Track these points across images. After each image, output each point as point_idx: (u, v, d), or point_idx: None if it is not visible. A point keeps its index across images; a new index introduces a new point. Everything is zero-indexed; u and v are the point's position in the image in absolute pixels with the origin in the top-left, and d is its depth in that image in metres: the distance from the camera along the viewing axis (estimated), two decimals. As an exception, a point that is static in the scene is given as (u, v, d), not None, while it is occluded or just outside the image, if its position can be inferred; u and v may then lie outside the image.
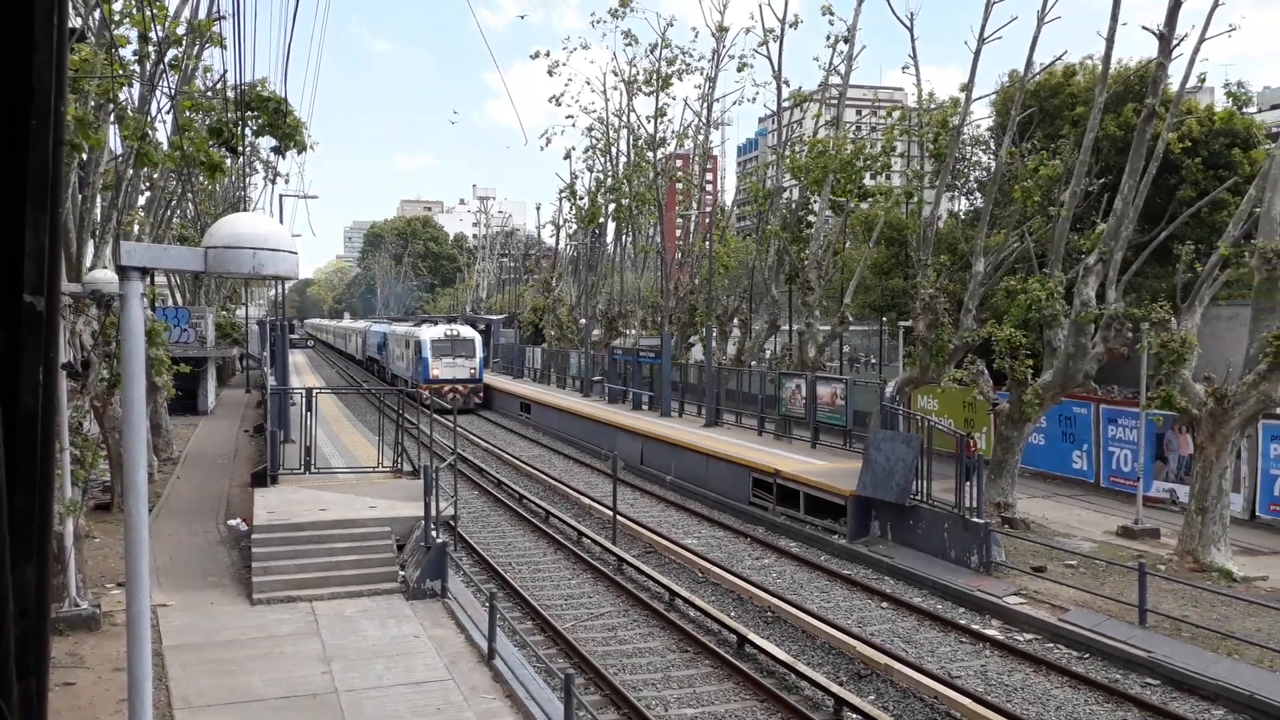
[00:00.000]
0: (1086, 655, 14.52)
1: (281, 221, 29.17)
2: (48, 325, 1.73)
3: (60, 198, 1.78)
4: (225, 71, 33.19)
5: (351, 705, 10.88)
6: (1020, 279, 22.93)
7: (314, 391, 22.26)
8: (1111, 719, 12.29)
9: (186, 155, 16.59)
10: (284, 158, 18.66)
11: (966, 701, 12.15)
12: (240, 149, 18.52)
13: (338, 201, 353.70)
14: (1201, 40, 19.69)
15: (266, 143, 22.68)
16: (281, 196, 39.88)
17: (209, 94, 22.78)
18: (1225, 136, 29.52)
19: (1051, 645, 15.01)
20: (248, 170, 36.76)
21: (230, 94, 17.81)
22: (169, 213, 34.08)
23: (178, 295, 48.06)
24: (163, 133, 22.44)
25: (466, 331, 49.23)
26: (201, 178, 27.06)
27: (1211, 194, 25.60)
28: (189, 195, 35.61)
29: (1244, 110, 31.77)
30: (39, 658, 1.73)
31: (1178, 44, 19.61)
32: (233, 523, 18.81)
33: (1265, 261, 17.76)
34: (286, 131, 17.61)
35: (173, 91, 18.20)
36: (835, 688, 12.46)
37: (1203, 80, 23.80)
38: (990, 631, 15.53)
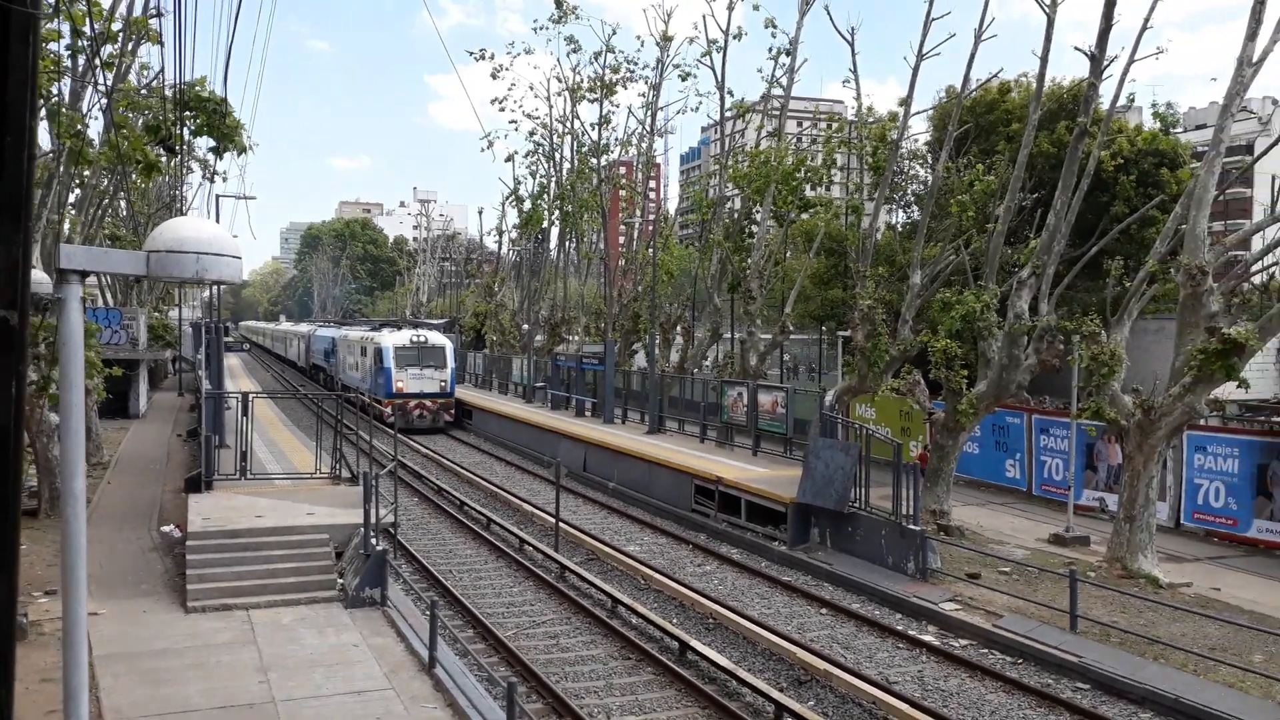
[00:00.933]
0: (1020, 660, 14.86)
1: (218, 222, 28.65)
2: (19, 339, 1.73)
3: (32, 213, 1.78)
4: (162, 69, 32.56)
5: (289, 715, 10.73)
6: (956, 291, 23.40)
7: (250, 396, 21.90)
8: (1043, 722, 12.59)
9: (122, 154, 16.25)
10: (222, 159, 18.35)
11: (904, 707, 12.35)
12: (178, 149, 18.20)
13: (274, 202, 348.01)
14: (1131, 62, 20.32)
15: (205, 142, 22.34)
16: (219, 197, 39.32)
17: (145, 92, 22.33)
18: (1154, 156, 30.46)
19: (986, 651, 15.33)
20: (185, 170, 36.07)
21: (168, 92, 17.49)
22: (101, 211, 33.28)
23: (108, 296, 46.93)
24: (95, 130, 21.95)
25: (436, 338, 43.60)
26: (136, 177, 26.53)
27: (1140, 211, 26.38)
28: (122, 194, 34.82)
29: (1171, 131, 32.84)
30: (5, 670, 1.73)
31: (1108, 65, 20.21)
32: (166, 529, 18.41)
33: (1189, 278, 18.35)
34: (225, 132, 17.35)
35: (108, 89, 17.80)
36: (776, 694, 12.59)
37: (1131, 100, 24.55)
38: (927, 637, 15.81)
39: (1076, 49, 20.14)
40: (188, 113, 17.42)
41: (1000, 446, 28.44)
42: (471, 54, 49.97)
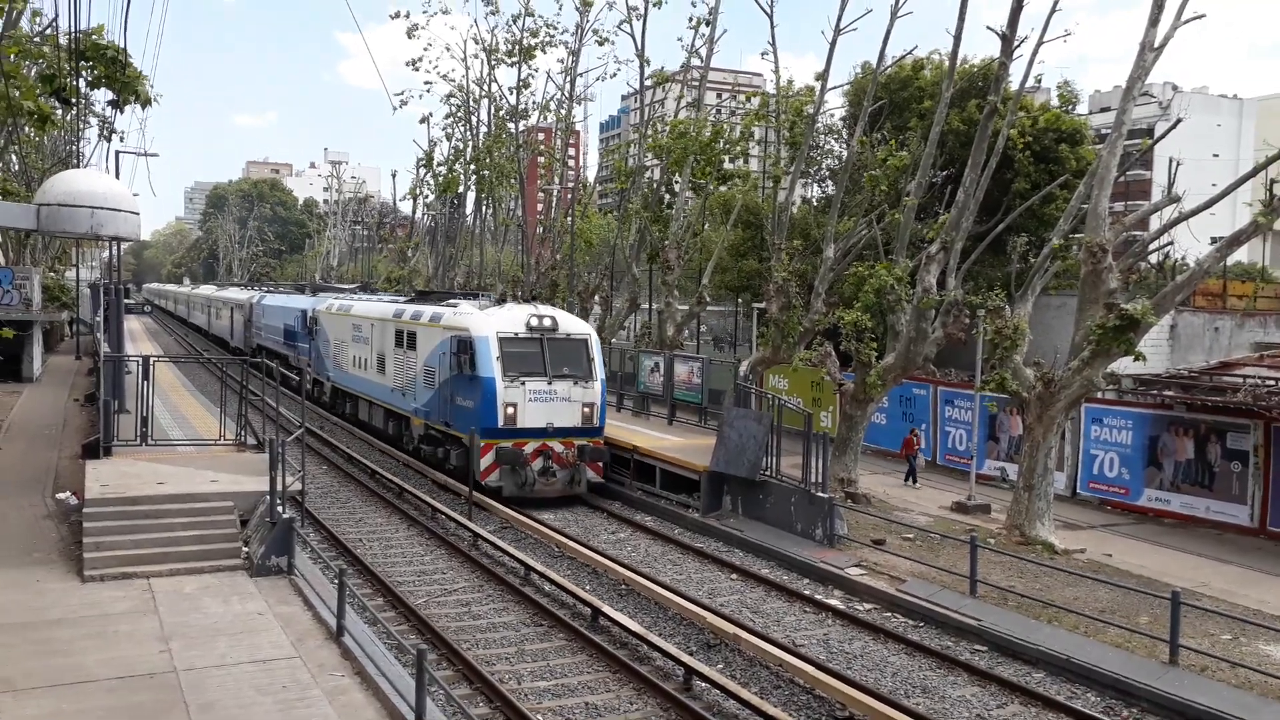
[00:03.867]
0: (921, 624, 15.31)
1: (118, 179, 27.52)
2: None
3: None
4: (56, 16, 31.06)
5: (192, 685, 10.50)
6: (868, 265, 23.81)
7: (151, 359, 21.20)
8: (943, 683, 13.02)
9: (12, 104, 15.50)
10: (122, 112, 17.57)
11: (808, 668, 12.64)
12: (74, 100, 17.41)
13: (178, 161, 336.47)
14: (1040, 42, 20.84)
15: (104, 95, 21.40)
16: (118, 153, 37.66)
17: (38, 40, 21.26)
18: (1055, 133, 31.31)
19: (889, 614, 15.76)
20: (82, 124, 34.55)
21: (63, 40, 16.70)
22: (-10, 165, 31.75)
23: (-1, 254, 44.91)
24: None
25: (571, 322, 24.65)
26: (29, 129, 25.34)
27: (1044, 189, 27.14)
28: (14, 147, 33.25)
29: (1072, 110, 33.78)
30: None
31: (1019, 45, 20.67)
32: (62, 496, 17.75)
33: (1091, 255, 18.96)
34: (125, 83, 16.66)
35: (-3, 35, 16.94)
36: (685, 657, 12.76)
37: (1039, 81, 25.15)
38: (833, 601, 16.18)
39: (989, 28, 20.54)
40: (84, 62, 16.67)
41: (907, 417, 29.14)
42: (392, 17, 48.69)
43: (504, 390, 22.23)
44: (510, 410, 22.24)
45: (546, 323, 23.41)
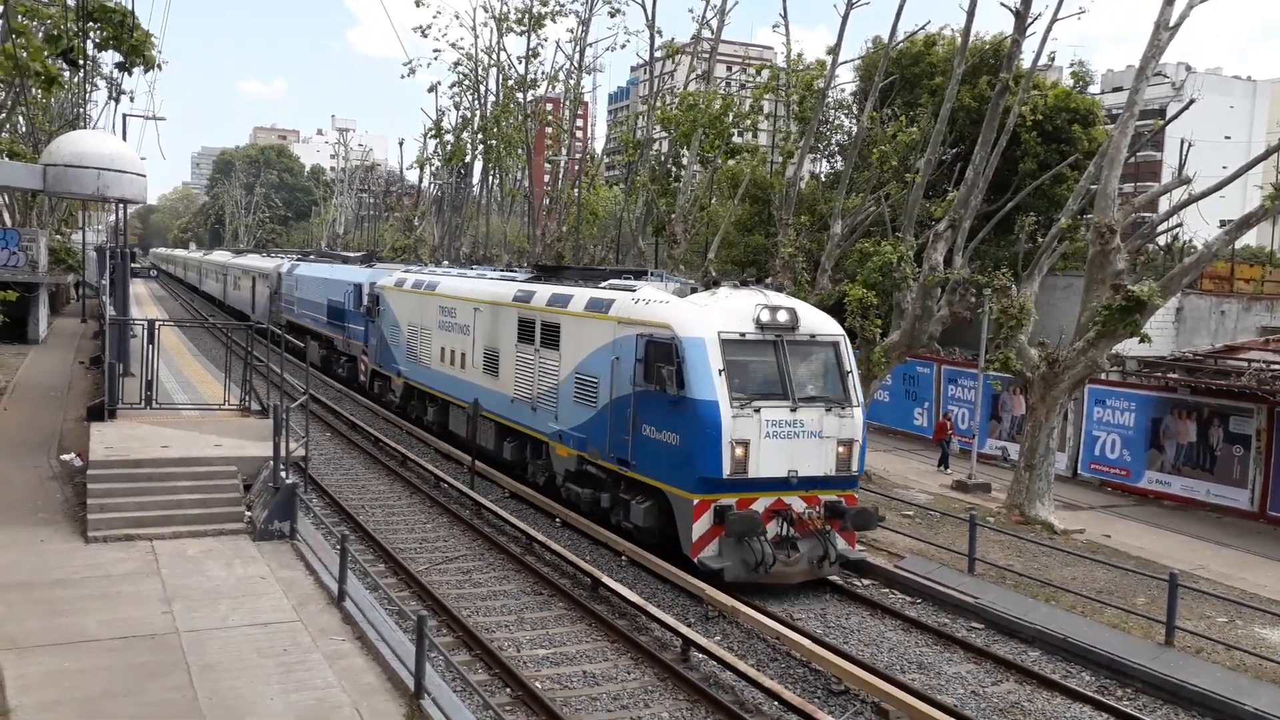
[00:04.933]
0: (919, 600, 15.38)
1: (125, 142, 27.42)
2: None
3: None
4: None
5: (193, 646, 10.60)
6: (875, 242, 23.74)
7: (156, 323, 21.24)
8: (939, 659, 13.09)
9: (20, 65, 15.44)
10: (130, 74, 17.50)
11: (805, 642, 12.71)
12: (81, 62, 17.35)
13: (185, 125, 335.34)
14: (1054, 20, 20.67)
15: (111, 58, 21.32)
16: (126, 116, 37.56)
17: (45, 0, 21.15)
18: (1067, 113, 31.09)
19: (887, 590, 15.83)
20: (90, 86, 34.43)
21: (71, 1, 16.61)
22: (-3, 126, 31.71)
23: (6, 216, 44.91)
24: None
25: (815, 318, 16.80)
26: (36, 90, 25.26)
27: (1054, 169, 26.99)
28: (21, 108, 33.17)
29: (1085, 89, 33.53)
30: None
31: (1032, 22, 20.50)
32: (66, 458, 17.85)
33: (1099, 236, 18.89)
34: (133, 45, 16.59)
35: (4, -6, 16.83)
36: (684, 629, 12.84)
37: (1053, 59, 24.96)
38: (831, 577, 16.23)
39: (1002, 4, 20.35)
40: (91, 23, 16.59)
41: (910, 395, 29.16)
42: None
43: (731, 421, 14.88)
44: (740, 451, 14.92)
45: (783, 317, 15.86)
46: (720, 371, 15.00)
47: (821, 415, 15.58)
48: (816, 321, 16.52)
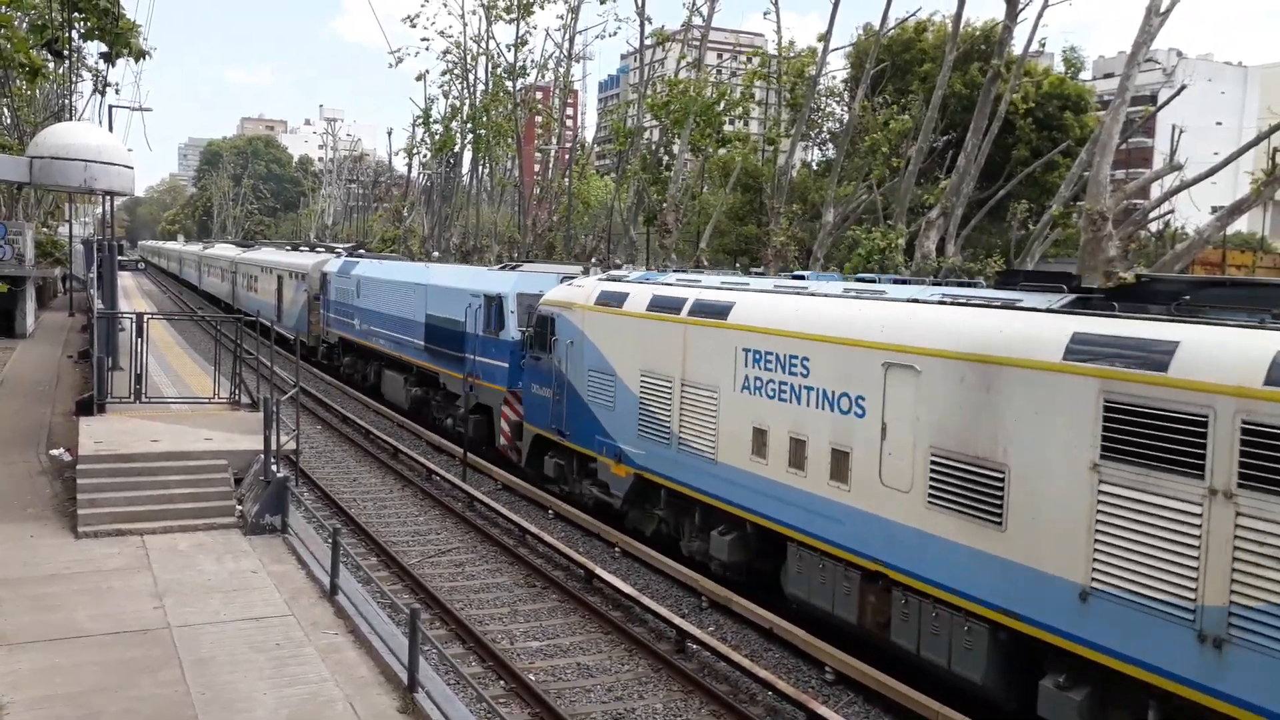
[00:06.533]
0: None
1: (111, 133, 27.16)
2: None
3: None
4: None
5: (185, 641, 10.52)
6: (865, 230, 23.73)
7: (145, 316, 21.10)
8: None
9: (4, 56, 15.28)
10: (114, 65, 17.33)
11: (800, 631, 12.69)
12: (65, 53, 17.17)
13: (172, 116, 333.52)
14: (1045, 5, 20.63)
15: (97, 48, 21.10)
16: (112, 108, 37.01)
17: (29, -11, 20.94)
18: (1059, 100, 31.11)
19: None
20: (75, 78, 34.14)
21: (54, -9, 16.43)
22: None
23: (-9, 209, 44.60)
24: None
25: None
26: (20, 81, 25.04)
27: (1046, 156, 27.00)
28: (5, 100, 32.90)
29: (1076, 75, 33.53)
30: None
31: (1023, 7, 20.46)
32: (55, 452, 17.72)
33: (1090, 222, 18.88)
34: (118, 35, 16.41)
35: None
36: (677, 620, 12.81)
37: (1043, 45, 24.90)
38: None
39: (993, -9, 20.28)
40: (77, 14, 16.42)
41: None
42: None
43: None
44: None
45: None
46: None
47: None
48: None
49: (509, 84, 44.74)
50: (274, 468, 15.06)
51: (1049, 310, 10.31)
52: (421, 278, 27.52)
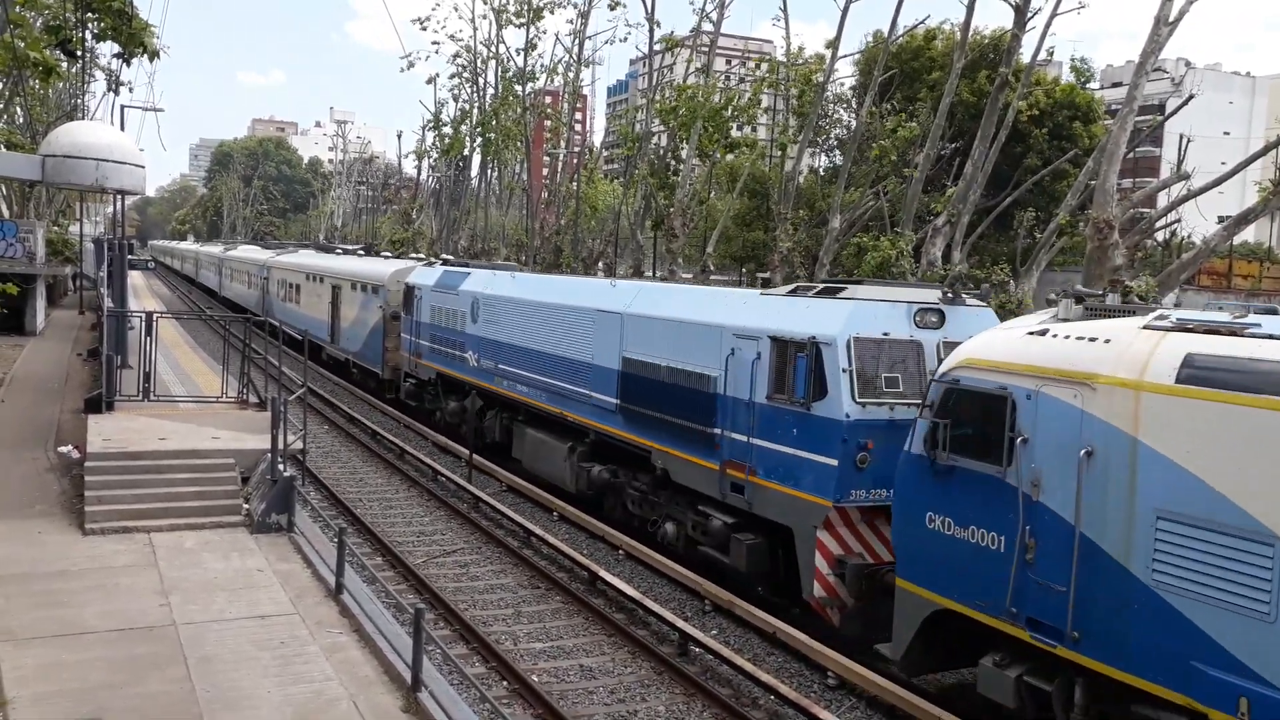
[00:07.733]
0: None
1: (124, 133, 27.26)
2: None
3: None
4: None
5: (191, 638, 10.60)
6: (872, 237, 23.75)
7: (154, 315, 21.20)
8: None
9: (18, 55, 15.39)
10: (128, 65, 17.45)
11: (801, 635, 12.72)
12: (79, 53, 17.30)
13: (183, 116, 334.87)
14: (1054, 15, 20.70)
15: (110, 48, 21.25)
16: (124, 107, 37.18)
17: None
18: (1069, 109, 31.12)
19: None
20: (88, 77, 34.33)
21: (69, -8, 16.56)
22: (-6, 117, 31.65)
23: (3, 207, 44.85)
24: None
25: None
26: (34, 81, 25.22)
27: (1054, 164, 27.01)
28: (19, 99, 33.10)
29: (1086, 85, 33.55)
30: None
31: (1032, 16, 20.50)
32: (64, 450, 17.83)
33: (1097, 231, 18.90)
34: (131, 34, 16.52)
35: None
36: (680, 623, 12.85)
37: (1051, 54, 24.94)
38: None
39: (1002, -1, 20.33)
40: (90, 13, 16.54)
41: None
42: None
43: None
44: None
45: None
46: None
47: None
48: None
49: (518, 88, 44.89)
50: (281, 467, 15.14)
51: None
52: (611, 302, 17.78)
